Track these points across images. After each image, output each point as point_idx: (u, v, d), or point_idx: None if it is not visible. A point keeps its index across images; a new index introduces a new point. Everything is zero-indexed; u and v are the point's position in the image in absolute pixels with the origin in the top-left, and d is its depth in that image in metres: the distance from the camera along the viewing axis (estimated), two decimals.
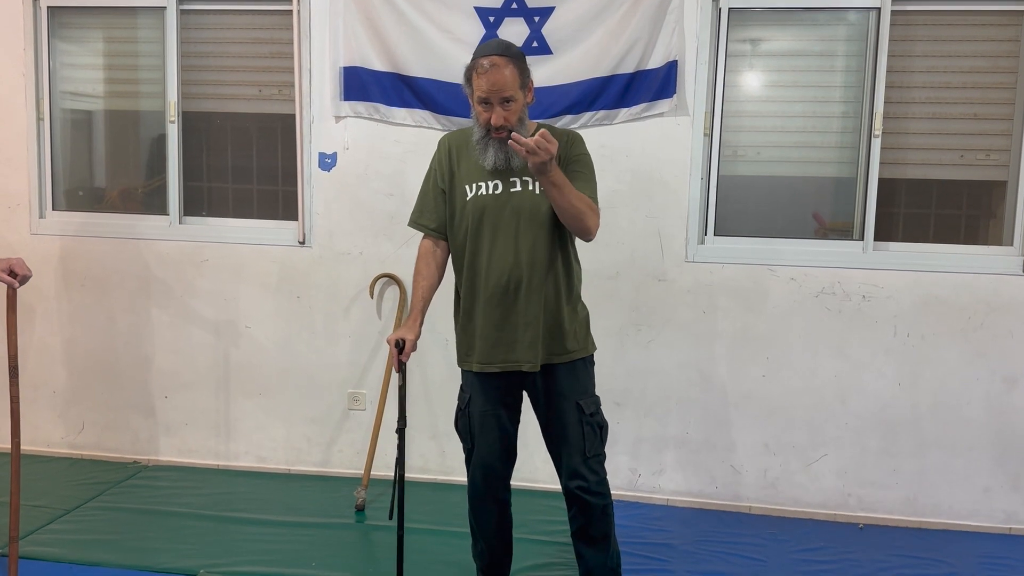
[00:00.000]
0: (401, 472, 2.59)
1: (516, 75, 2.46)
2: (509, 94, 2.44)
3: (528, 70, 2.53)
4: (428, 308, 2.65)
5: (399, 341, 2.58)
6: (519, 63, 2.49)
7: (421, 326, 2.64)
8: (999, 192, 3.57)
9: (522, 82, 2.48)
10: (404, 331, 2.60)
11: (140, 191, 4.12)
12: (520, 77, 2.47)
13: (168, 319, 4.00)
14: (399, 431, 2.60)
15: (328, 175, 3.83)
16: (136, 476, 3.89)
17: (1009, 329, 3.48)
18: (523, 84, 2.49)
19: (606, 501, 2.62)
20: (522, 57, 2.52)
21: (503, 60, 2.45)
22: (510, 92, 2.44)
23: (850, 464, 3.64)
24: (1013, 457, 3.53)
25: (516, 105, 2.47)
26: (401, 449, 2.60)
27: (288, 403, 3.97)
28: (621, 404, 3.70)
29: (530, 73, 2.54)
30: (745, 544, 3.37)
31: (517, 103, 2.47)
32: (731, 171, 3.69)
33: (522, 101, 2.49)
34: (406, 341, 2.59)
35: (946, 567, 3.20)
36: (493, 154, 2.49)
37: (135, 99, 4.08)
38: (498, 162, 2.49)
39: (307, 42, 3.77)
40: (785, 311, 3.61)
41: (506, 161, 2.49)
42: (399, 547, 2.60)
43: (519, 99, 2.47)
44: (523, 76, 2.49)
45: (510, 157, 2.48)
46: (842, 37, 3.61)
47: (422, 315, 2.65)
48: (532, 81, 2.55)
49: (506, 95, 2.44)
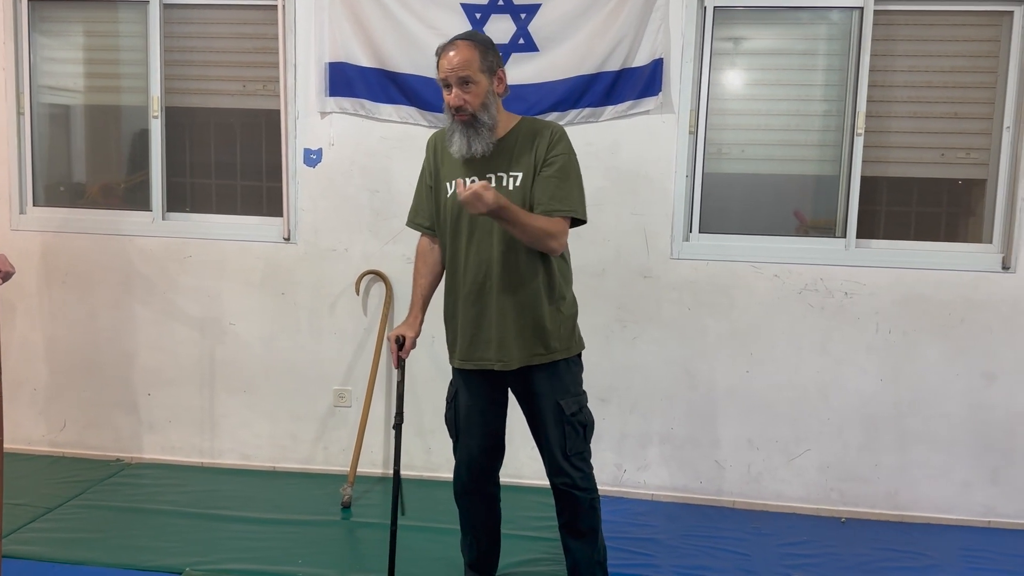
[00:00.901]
0: (397, 467, 2.60)
1: (477, 57, 2.43)
2: (466, 74, 2.42)
3: (497, 59, 2.50)
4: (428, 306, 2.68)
5: (399, 338, 2.61)
6: (483, 48, 2.47)
7: (421, 324, 2.68)
8: (979, 190, 3.62)
9: (485, 66, 2.45)
10: (404, 328, 2.65)
11: (121, 186, 4.08)
12: (482, 61, 2.44)
13: (151, 316, 3.97)
14: (396, 427, 2.62)
15: (313, 171, 3.82)
16: (119, 474, 3.86)
17: (988, 325, 3.53)
18: (486, 68, 2.46)
19: (592, 495, 2.64)
20: (489, 44, 2.51)
21: (464, 43, 2.46)
22: (468, 72, 2.42)
23: (832, 459, 3.68)
24: (991, 452, 3.59)
25: (477, 88, 2.44)
26: (398, 445, 2.61)
27: (273, 400, 3.95)
28: (606, 400, 3.72)
29: (500, 63, 2.52)
30: (729, 538, 3.40)
31: (478, 86, 2.44)
32: (716, 169, 3.71)
33: (485, 86, 2.46)
34: (406, 338, 2.63)
35: (927, 560, 3.25)
36: (458, 140, 2.48)
37: (116, 94, 4.04)
38: (462, 148, 2.48)
39: (292, 37, 3.75)
40: (769, 308, 3.64)
41: (468, 147, 2.47)
42: (392, 543, 2.60)
43: (480, 83, 2.44)
44: (486, 60, 2.46)
45: (472, 143, 2.46)
46: (825, 36, 3.65)
47: (422, 312, 2.69)
48: (503, 71, 2.52)
49: (463, 75, 2.42)
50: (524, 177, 2.50)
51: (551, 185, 2.49)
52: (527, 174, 2.50)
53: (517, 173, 2.51)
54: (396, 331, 2.65)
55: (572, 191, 2.52)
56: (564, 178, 2.50)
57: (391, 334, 2.64)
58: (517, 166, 2.51)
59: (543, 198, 2.48)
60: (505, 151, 2.52)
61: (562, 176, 2.50)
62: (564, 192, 2.50)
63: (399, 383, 2.65)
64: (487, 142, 2.48)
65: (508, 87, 2.57)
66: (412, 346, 2.65)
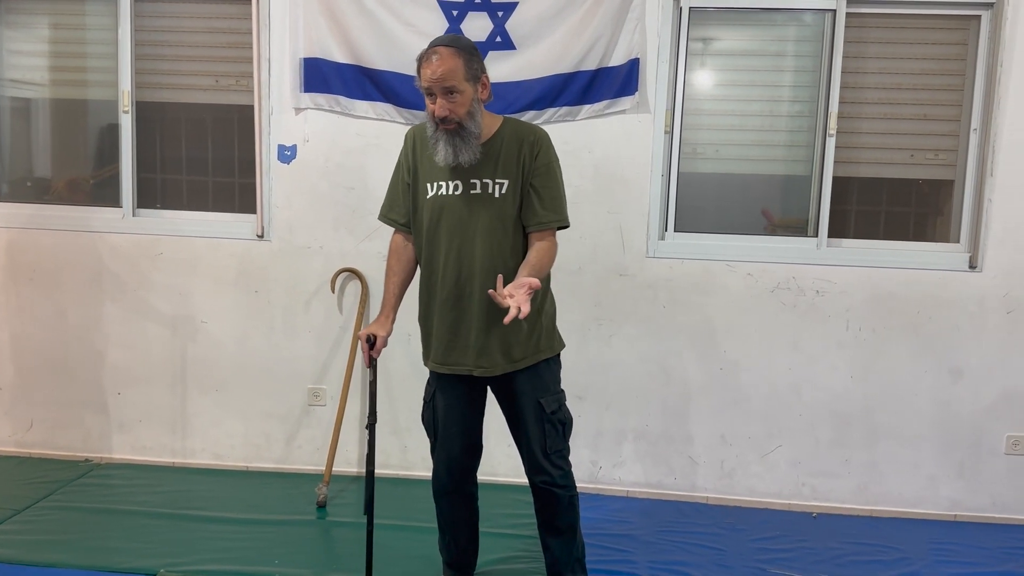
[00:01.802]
0: (371, 467, 2.58)
1: (461, 66, 2.39)
2: (451, 84, 2.38)
3: (480, 64, 2.47)
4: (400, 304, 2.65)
5: (370, 336, 2.58)
6: (467, 55, 2.42)
7: (393, 322, 2.65)
8: (947, 191, 3.69)
9: (470, 75, 2.41)
10: (375, 327, 2.61)
11: (90, 182, 4.01)
12: (467, 69, 2.40)
13: (121, 313, 3.91)
14: (369, 427, 2.59)
15: (288, 168, 3.78)
16: (88, 475, 3.80)
17: (955, 323, 3.61)
18: (471, 77, 2.42)
19: (571, 493, 2.65)
20: (472, 50, 2.46)
21: (448, 51, 2.40)
22: (452, 83, 2.38)
23: (804, 455, 3.74)
24: (958, 447, 3.67)
25: (462, 98, 2.40)
26: (371, 445, 2.59)
27: (246, 399, 3.91)
28: (583, 398, 3.74)
29: (483, 68, 2.48)
30: (703, 534, 3.44)
31: (463, 96, 2.40)
32: (691, 168, 3.74)
33: (470, 94, 2.42)
34: (377, 337, 2.59)
35: (896, 554, 3.31)
36: (443, 149, 2.44)
37: (84, 87, 3.97)
38: (448, 158, 2.44)
39: (266, 32, 3.71)
40: (742, 306, 3.69)
41: (454, 156, 2.43)
42: (368, 542, 2.59)
43: (466, 92, 2.41)
44: (471, 69, 2.42)
45: (459, 152, 2.43)
46: (799, 38, 3.69)
47: (394, 311, 2.65)
48: (486, 76, 2.49)
49: (448, 85, 2.38)
50: (510, 184, 2.49)
51: (543, 196, 2.49)
52: (514, 181, 2.49)
53: (503, 180, 2.49)
54: (367, 330, 2.60)
55: (560, 201, 2.54)
56: (553, 188, 2.52)
57: (362, 333, 2.60)
58: (504, 173, 2.49)
59: (537, 210, 2.49)
60: (491, 156, 2.50)
61: (552, 186, 2.51)
62: (555, 204, 2.51)
63: (371, 382, 2.63)
64: (474, 150, 2.45)
65: (491, 93, 2.55)
66: (383, 345, 2.61)
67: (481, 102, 2.48)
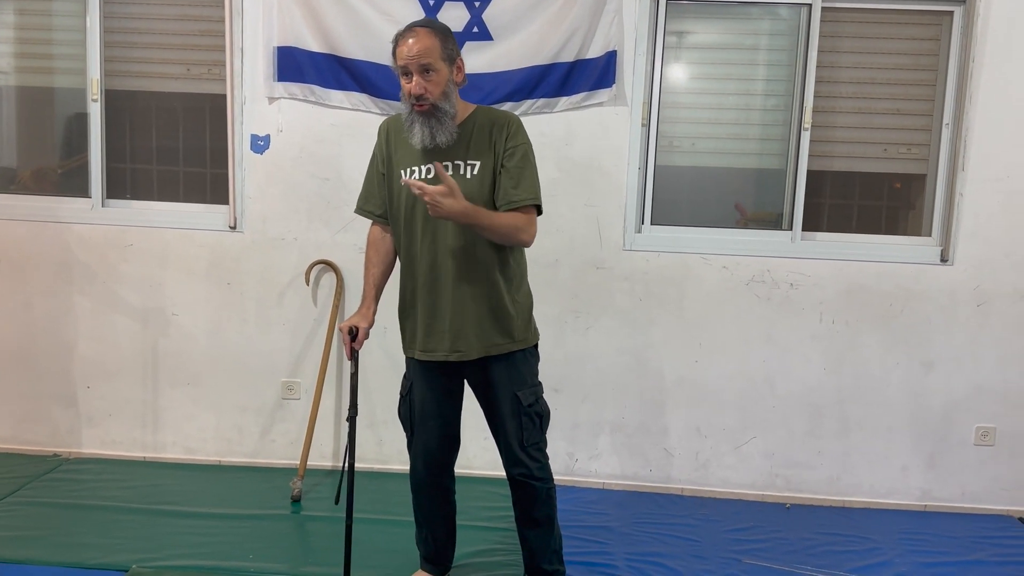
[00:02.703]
0: (351, 460, 2.56)
1: (438, 45, 2.41)
2: (427, 62, 2.39)
3: (455, 47, 2.49)
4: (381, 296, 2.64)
5: (352, 329, 2.56)
6: (442, 35, 2.45)
7: (375, 314, 2.63)
8: (919, 185, 3.73)
9: (445, 54, 2.43)
10: (357, 319, 2.59)
11: (57, 172, 3.93)
12: (442, 49, 2.42)
13: (90, 305, 3.84)
14: (350, 419, 2.57)
15: (261, 158, 3.73)
16: (57, 469, 3.73)
17: (927, 316, 3.65)
18: (446, 57, 2.44)
19: (548, 485, 2.65)
20: (447, 32, 2.49)
21: (425, 30, 2.43)
22: (428, 60, 2.39)
23: (777, 446, 3.77)
24: (928, 438, 3.72)
25: (438, 76, 2.42)
26: (352, 437, 2.57)
27: (219, 392, 3.86)
28: (559, 390, 3.74)
29: (459, 52, 2.50)
30: (678, 525, 3.46)
31: (439, 74, 2.42)
32: (667, 161, 3.75)
33: (445, 74, 2.44)
34: (359, 329, 2.57)
35: (869, 543, 3.35)
36: (419, 131, 2.45)
37: (52, 75, 3.89)
38: (424, 139, 2.45)
39: (239, 20, 3.65)
40: (717, 298, 3.70)
41: (431, 138, 2.44)
42: (347, 536, 2.57)
43: (441, 71, 2.43)
44: (446, 49, 2.44)
45: (435, 134, 2.44)
46: (774, 32, 3.71)
47: (375, 303, 2.64)
48: (461, 61, 2.51)
49: (424, 63, 2.39)
50: (482, 167, 2.49)
51: (514, 176, 2.48)
52: (485, 163, 2.49)
53: (475, 162, 2.49)
54: (348, 322, 2.58)
55: (533, 181, 2.52)
56: (525, 167, 2.51)
57: (343, 325, 2.58)
58: (475, 155, 2.50)
59: (508, 189, 2.48)
60: (462, 140, 2.51)
61: (523, 166, 2.50)
62: (528, 182, 2.50)
63: (352, 375, 2.60)
64: (450, 131, 2.46)
65: (466, 77, 2.56)
66: (365, 337, 2.59)
67: (456, 85, 2.50)
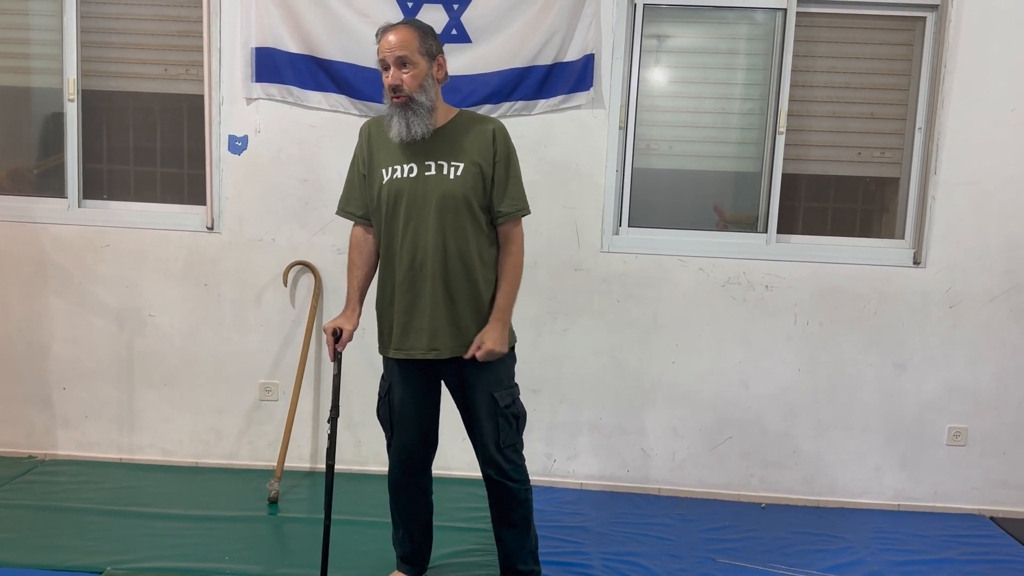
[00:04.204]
0: (332, 461, 2.57)
1: (416, 39, 2.46)
2: (404, 54, 2.43)
3: (436, 44, 2.52)
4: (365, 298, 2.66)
5: (336, 330, 2.59)
6: (421, 31, 2.49)
7: (359, 316, 2.65)
8: (892, 188, 3.78)
9: (424, 48, 2.47)
10: (342, 320, 2.61)
11: (33, 172, 3.90)
12: (420, 43, 2.46)
13: (66, 307, 3.81)
14: (332, 420, 2.59)
15: (238, 159, 3.73)
16: (32, 471, 3.71)
17: (900, 317, 3.70)
18: (426, 52, 2.48)
19: (525, 486, 2.66)
20: (428, 29, 2.53)
21: (404, 25, 2.50)
22: (406, 52, 2.43)
23: (752, 446, 3.80)
24: (901, 438, 3.76)
25: (415, 70, 2.45)
26: (332, 438, 2.58)
27: (195, 394, 3.85)
28: (537, 391, 3.75)
29: (440, 50, 2.53)
30: (655, 525, 3.48)
31: (416, 67, 2.45)
32: (644, 164, 3.78)
33: (424, 69, 2.47)
34: (343, 330, 2.59)
35: (843, 543, 3.39)
36: (396, 124, 2.48)
37: (28, 75, 3.86)
38: (401, 131, 2.48)
39: (217, 20, 3.65)
40: (694, 300, 3.73)
41: (407, 129, 2.47)
42: (325, 536, 2.58)
43: (419, 65, 2.46)
44: (424, 43, 2.48)
45: (411, 126, 2.46)
46: (750, 36, 3.75)
47: (360, 305, 2.66)
48: (443, 58, 2.54)
49: (401, 55, 2.43)
50: (465, 169, 2.50)
51: (502, 188, 2.55)
52: (468, 167, 2.50)
53: (458, 164, 2.51)
54: (333, 323, 2.60)
55: (522, 189, 2.61)
56: (511, 177, 2.58)
57: (327, 326, 2.60)
58: (459, 156, 2.51)
59: (502, 201, 2.55)
60: (446, 140, 2.53)
61: (513, 175, 2.58)
62: (517, 192, 2.59)
63: (335, 376, 2.62)
64: (426, 123, 2.49)
65: (448, 75, 2.59)
66: (349, 339, 2.61)
67: (437, 82, 2.53)
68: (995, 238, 3.65)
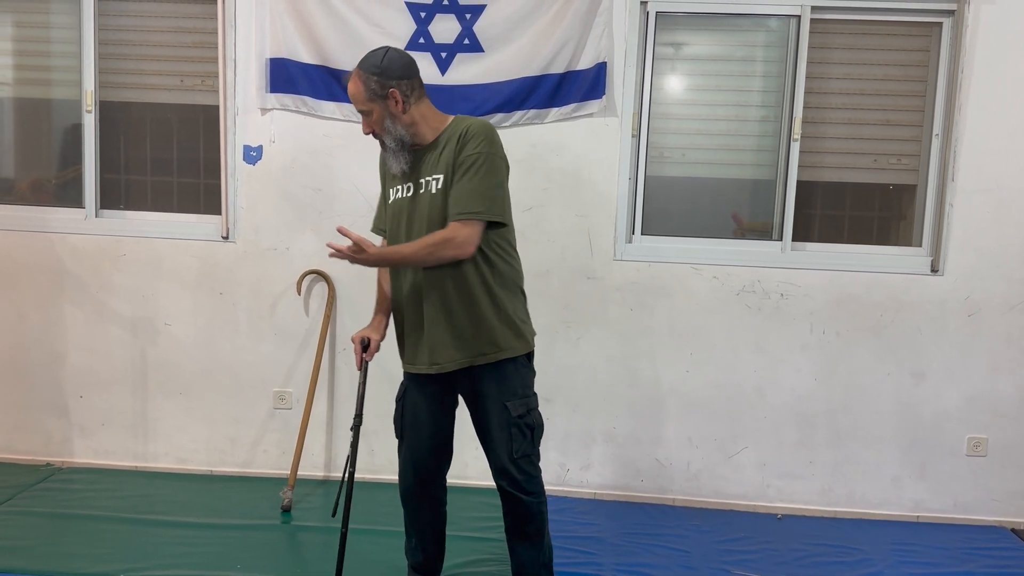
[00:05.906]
0: (352, 469, 2.59)
1: (361, 89, 2.49)
2: (359, 107, 2.51)
3: (383, 81, 2.45)
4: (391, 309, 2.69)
5: (364, 340, 2.63)
6: (366, 76, 2.47)
7: (387, 327, 2.70)
8: (909, 195, 3.74)
9: (369, 95, 2.47)
10: (369, 331, 2.67)
11: (52, 183, 3.95)
12: (366, 91, 2.47)
13: (83, 316, 3.85)
14: (355, 428, 2.63)
15: (253, 169, 3.75)
16: (49, 479, 3.74)
17: (917, 326, 3.65)
18: (373, 96, 2.47)
19: (539, 499, 2.63)
20: (374, 69, 2.46)
21: (355, 74, 2.52)
22: (359, 105, 2.51)
23: (769, 456, 3.76)
24: (920, 448, 3.71)
25: (373, 117, 2.50)
26: (355, 446, 2.61)
27: (210, 402, 3.87)
28: (551, 400, 3.74)
29: (389, 83, 2.45)
30: (670, 536, 3.45)
31: (373, 115, 2.50)
32: (657, 172, 3.76)
33: (379, 112, 2.49)
34: (371, 340, 2.64)
35: (860, 555, 3.34)
36: (392, 160, 2.56)
37: (47, 87, 3.91)
38: (391, 168, 2.57)
39: (232, 32, 3.68)
40: (708, 309, 3.71)
41: (392, 166, 2.56)
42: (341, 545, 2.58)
43: (374, 111, 2.49)
44: (370, 89, 2.47)
45: (390, 163, 2.56)
46: (764, 43, 3.72)
47: (387, 316, 2.71)
48: (398, 90, 2.46)
49: (359, 108, 2.52)
50: (444, 180, 2.50)
51: (458, 190, 2.46)
52: (446, 175, 2.50)
53: (439, 176, 2.51)
54: (361, 333, 2.66)
55: (474, 193, 2.45)
56: (473, 178, 2.46)
57: (355, 336, 2.65)
58: (438, 168, 2.52)
59: (451, 203, 2.47)
60: (433, 155, 2.54)
61: (469, 178, 2.46)
62: (468, 194, 2.45)
63: (360, 384, 2.67)
64: (400, 161, 2.54)
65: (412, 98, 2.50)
66: (376, 349, 2.66)
67: (399, 115, 2.49)
68: (1014, 246, 3.60)
